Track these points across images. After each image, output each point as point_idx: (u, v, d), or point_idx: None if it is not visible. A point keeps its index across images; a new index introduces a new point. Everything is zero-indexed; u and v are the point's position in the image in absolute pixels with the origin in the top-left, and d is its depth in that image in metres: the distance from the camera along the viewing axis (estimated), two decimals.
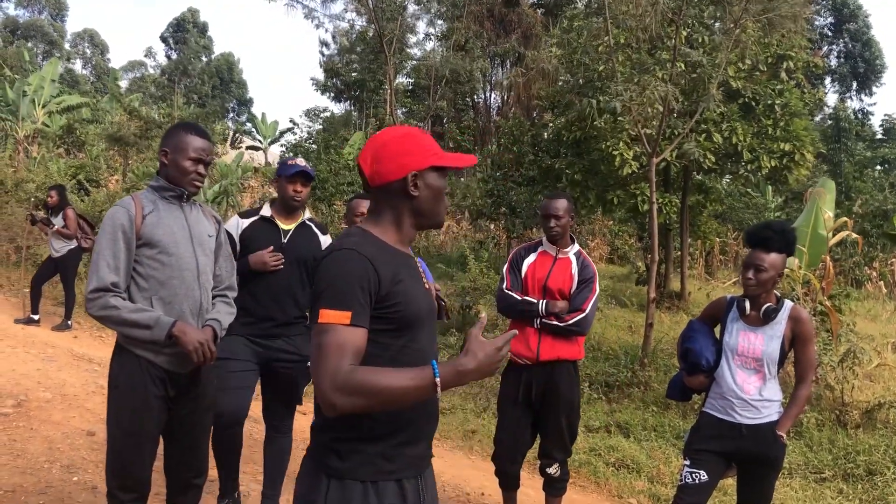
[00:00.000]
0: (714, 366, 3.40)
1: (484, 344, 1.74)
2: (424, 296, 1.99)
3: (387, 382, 1.72)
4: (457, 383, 1.75)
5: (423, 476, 2.00)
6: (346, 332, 1.77)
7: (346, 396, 1.72)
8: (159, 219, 2.94)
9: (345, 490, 1.85)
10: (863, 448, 5.60)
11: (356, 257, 1.83)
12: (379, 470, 1.88)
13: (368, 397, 1.73)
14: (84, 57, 52.67)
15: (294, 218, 3.96)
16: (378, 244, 1.91)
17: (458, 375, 1.73)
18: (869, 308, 14.03)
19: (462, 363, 1.73)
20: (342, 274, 1.82)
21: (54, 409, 5.86)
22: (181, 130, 3.03)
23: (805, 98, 11.23)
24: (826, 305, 7.27)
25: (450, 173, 23.65)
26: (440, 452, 5.70)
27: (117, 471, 2.92)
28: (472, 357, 1.73)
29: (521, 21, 27.47)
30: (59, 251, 8.93)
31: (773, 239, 3.25)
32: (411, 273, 1.96)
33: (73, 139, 20.52)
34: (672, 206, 11.43)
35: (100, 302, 2.80)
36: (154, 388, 2.90)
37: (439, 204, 1.99)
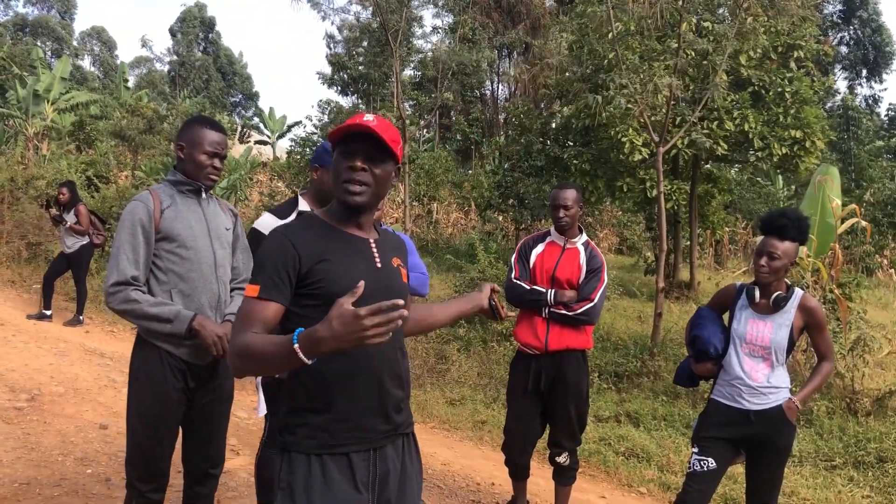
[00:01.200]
0: (722, 353, 3.40)
1: (344, 311, 1.63)
2: (366, 273, 1.96)
3: (255, 346, 1.80)
4: (315, 351, 1.68)
5: (380, 451, 2.01)
6: (254, 303, 1.91)
7: (236, 358, 1.85)
8: (177, 213, 2.97)
9: (291, 462, 1.94)
10: (873, 436, 5.58)
11: (278, 237, 1.97)
12: (322, 444, 1.94)
13: (244, 360, 1.83)
14: (92, 54, 52.83)
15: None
16: (316, 225, 2.04)
17: (313, 342, 1.67)
18: (880, 296, 13.97)
19: (317, 329, 1.67)
20: (262, 252, 1.98)
21: (67, 402, 5.91)
22: (196, 124, 3.05)
23: (815, 86, 11.17)
24: (835, 293, 7.25)
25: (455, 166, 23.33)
26: (450, 443, 5.72)
27: (137, 462, 2.96)
28: (327, 324, 1.65)
29: (529, 12, 27.39)
30: (71, 247, 8.99)
31: (788, 227, 3.23)
32: (350, 252, 2.02)
33: (83, 136, 20.60)
34: (681, 194, 11.39)
35: (120, 296, 2.84)
36: (174, 379, 2.93)
37: (336, 177, 2.01)
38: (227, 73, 51.08)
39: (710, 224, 14.06)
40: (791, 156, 10.79)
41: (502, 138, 21.27)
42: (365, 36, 28.78)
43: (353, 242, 2.05)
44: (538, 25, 26.76)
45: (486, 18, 26.64)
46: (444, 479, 4.95)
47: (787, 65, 11.01)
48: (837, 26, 37.12)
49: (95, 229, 9.16)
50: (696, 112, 8.36)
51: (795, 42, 10.88)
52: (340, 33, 31.68)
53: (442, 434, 5.95)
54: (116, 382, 6.62)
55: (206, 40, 51.88)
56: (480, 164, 25.01)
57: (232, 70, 51.85)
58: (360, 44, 30.28)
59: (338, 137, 2.01)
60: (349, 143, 1.99)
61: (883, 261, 17.30)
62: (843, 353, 6.57)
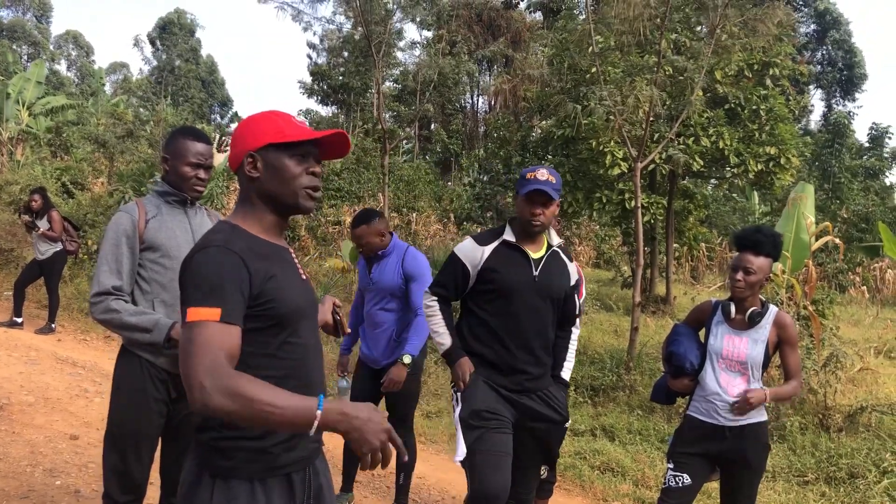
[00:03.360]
0: (698, 369, 3.43)
1: (383, 419, 1.67)
2: (302, 288, 1.93)
3: (267, 398, 1.60)
4: (334, 426, 1.63)
5: (313, 466, 1.97)
6: (218, 329, 1.67)
7: (223, 398, 1.59)
8: (162, 223, 3.00)
9: (230, 490, 1.79)
10: (845, 451, 5.64)
11: (226, 254, 1.75)
12: (266, 467, 1.83)
13: (244, 407, 1.59)
14: (69, 59, 52.32)
15: (539, 243, 3.39)
16: (247, 238, 1.84)
17: (344, 418, 1.63)
18: (852, 313, 14.15)
19: (351, 409, 1.64)
20: (212, 271, 1.72)
21: (37, 412, 5.81)
22: (181, 136, 3.07)
23: (790, 105, 11.35)
24: (809, 310, 7.33)
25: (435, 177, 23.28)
26: (426, 456, 5.70)
27: (115, 473, 2.95)
28: (363, 415, 1.63)
29: (509, 26, 27.58)
30: (44, 254, 8.87)
31: (764, 242, 3.28)
32: (285, 266, 1.90)
33: (59, 142, 20.38)
34: (658, 208, 11.49)
35: (101, 306, 2.87)
36: (154, 390, 2.94)
37: (285, 184, 1.86)
38: (206, 82, 50.80)
39: (687, 240, 14.20)
40: (766, 172, 10.96)
41: (482, 151, 21.36)
42: (347, 46, 28.81)
43: (282, 254, 1.93)
44: (519, 39, 26.95)
45: (468, 31, 26.78)
46: (419, 492, 4.93)
47: (762, 82, 11.19)
48: (811, 46, 37.76)
49: (69, 236, 9.06)
50: (674, 128, 8.45)
51: (771, 60, 11.07)
52: (322, 43, 31.69)
53: (418, 447, 5.89)
54: (88, 392, 6.52)
55: (187, 47, 51.58)
56: (460, 175, 25.08)
57: (212, 79, 51.59)
58: (341, 54, 30.30)
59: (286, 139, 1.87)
60: (304, 146, 1.88)
61: (856, 278, 17.53)
62: (816, 369, 6.64)
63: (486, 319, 3.26)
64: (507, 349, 3.23)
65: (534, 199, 3.19)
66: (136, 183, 12.52)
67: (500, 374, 3.24)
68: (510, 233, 3.30)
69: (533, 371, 3.28)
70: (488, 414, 3.17)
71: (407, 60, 29.62)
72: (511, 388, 3.24)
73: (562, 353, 3.46)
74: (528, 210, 3.21)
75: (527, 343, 3.24)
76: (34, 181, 13.54)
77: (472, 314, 3.33)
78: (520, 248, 3.26)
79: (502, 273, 3.22)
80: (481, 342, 3.27)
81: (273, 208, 1.91)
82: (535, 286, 3.23)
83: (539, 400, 3.30)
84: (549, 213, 3.23)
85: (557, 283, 3.32)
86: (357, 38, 25.33)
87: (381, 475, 5.13)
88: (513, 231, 3.30)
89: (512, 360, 3.23)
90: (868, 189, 23.18)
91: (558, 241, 3.41)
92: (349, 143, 1.97)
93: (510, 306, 3.22)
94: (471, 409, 3.19)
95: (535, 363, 3.29)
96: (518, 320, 3.22)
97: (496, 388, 3.23)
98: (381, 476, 5.12)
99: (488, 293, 3.25)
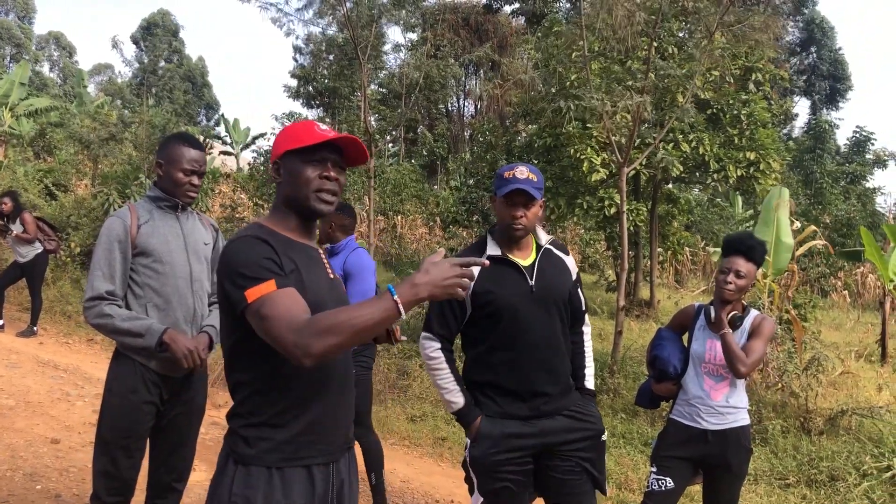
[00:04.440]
0: (681, 373, 3.45)
1: (440, 261, 1.76)
2: (328, 285, 2.04)
3: (352, 314, 1.72)
4: (413, 298, 1.73)
5: (336, 464, 2.01)
6: (279, 294, 1.79)
7: (319, 340, 1.70)
8: (154, 228, 3.04)
9: (250, 476, 1.87)
10: (826, 454, 5.69)
11: (258, 241, 1.89)
12: (285, 457, 1.90)
13: (339, 333, 1.70)
14: (51, 59, 51.91)
15: (527, 247, 3.02)
16: (273, 235, 1.96)
17: (412, 288, 1.73)
18: (834, 317, 14.29)
19: (415, 276, 1.74)
20: (251, 255, 1.86)
21: (17, 416, 5.76)
22: (175, 142, 3.12)
23: (772, 109, 11.45)
24: (791, 314, 7.40)
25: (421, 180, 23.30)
26: (410, 459, 5.70)
27: (105, 473, 2.99)
28: (423, 272, 1.74)
29: (496, 30, 27.67)
30: (26, 256, 8.79)
31: (757, 250, 3.35)
32: (310, 263, 2.00)
33: (42, 143, 20.21)
34: (639, 214, 11.56)
35: (94, 311, 2.91)
36: (146, 392, 2.98)
37: (299, 188, 1.98)
38: (196, 84, 50.55)
39: (671, 244, 14.29)
40: (748, 177, 11.04)
41: (468, 154, 21.37)
42: (333, 49, 28.79)
43: (310, 253, 2.04)
44: (505, 44, 27.04)
45: (454, 36, 26.84)
46: (403, 496, 4.93)
47: (745, 87, 11.28)
48: (798, 54, 38.13)
49: (45, 235, 8.97)
50: (661, 134, 8.50)
51: (753, 65, 11.16)
52: (307, 46, 31.65)
53: (402, 450, 5.92)
54: (70, 395, 6.47)
55: (170, 48, 51.33)
56: (446, 179, 25.10)
57: (203, 82, 51.36)
58: (326, 57, 30.27)
59: (297, 145, 1.98)
60: (318, 152, 1.98)
61: (837, 282, 17.70)
62: (797, 372, 6.70)
63: (493, 345, 2.92)
64: (520, 373, 2.89)
65: (514, 199, 2.86)
66: (120, 185, 12.43)
67: (519, 401, 2.90)
68: (493, 245, 2.95)
69: (552, 391, 2.92)
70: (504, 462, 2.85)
71: (392, 64, 29.63)
72: (529, 415, 2.90)
73: (579, 359, 3.11)
74: (509, 213, 2.88)
75: (541, 361, 2.91)
76: (16, 182, 13.41)
77: (476, 342, 2.99)
78: (507, 260, 2.92)
79: (496, 293, 2.87)
80: (491, 369, 2.92)
81: (295, 211, 2.02)
82: (535, 296, 2.90)
83: (566, 418, 2.95)
84: (531, 214, 2.89)
85: (558, 285, 2.99)
86: (342, 42, 25.34)
87: (365, 479, 5.12)
88: (495, 241, 2.97)
89: (528, 383, 2.89)
90: (850, 193, 23.42)
91: (547, 237, 3.06)
92: (364, 149, 2.05)
93: (515, 326, 2.88)
94: (484, 451, 2.87)
95: (554, 381, 2.93)
96: (526, 339, 2.89)
97: (512, 423, 2.88)
98: (366, 480, 5.11)
99: (487, 318, 2.91)
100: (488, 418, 2.88)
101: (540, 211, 2.96)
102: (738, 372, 3.26)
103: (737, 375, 3.29)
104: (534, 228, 2.99)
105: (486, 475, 2.88)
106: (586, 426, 2.97)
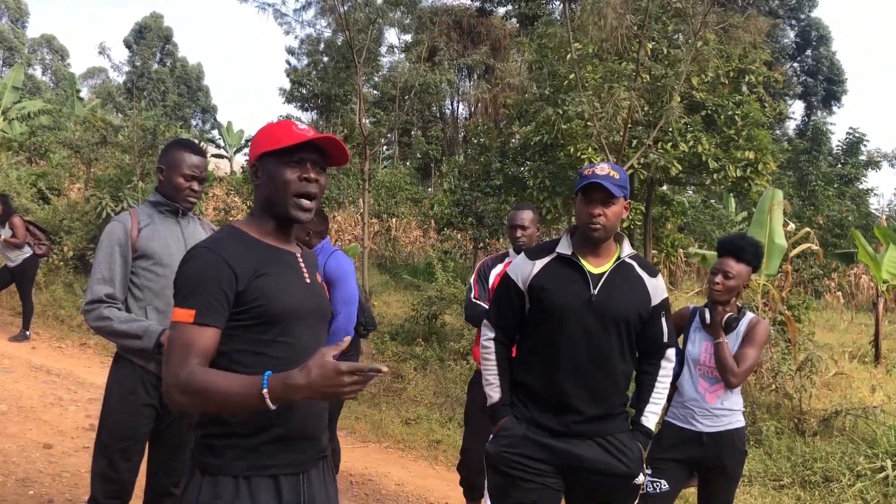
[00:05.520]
0: (676, 375, 3.45)
1: (326, 363, 1.63)
2: (304, 291, 1.98)
3: (217, 387, 1.70)
4: (286, 397, 1.66)
5: (307, 475, 1.96)
6: (190, 330, 1.78)
7: (184, 395, 1.74)
8: (155, 232, 3.08)
9: (216, 486, 1.84)
10: (820, 455, 5.70)
11: (208, 255, 1.85)
12: (251, 465, 1.86)
13: (202, 399, 1.73)
14: (43, 63, 51.75)
15: (606, 255, 2.79)
16: (244, 239, 1.93)
17: (286, 389, 1.65)
18: (828, 318, 14.33)
19: (293, 376, 1.65)
20: (193, 273, 1.84)
21: (10, 421, 5.73)
22: (176, 147, 3.16)
23: (766, 111, 11.49)
24: (784, 314, 7.41)
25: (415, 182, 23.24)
26: (405, 463, 5.69)
27: (103, 476, 3.01)
28: (305, 373, 1.63)
29: (489, 33, 27.70)
30: (15, 260, 8.73)
31: (746, 250, 3.35)
32: (284, 268, 1.96)
33: (35, 146, 20.16)
34: (636, 214, 11.57)
35: (94, 314, 2.94)
36: (145, 395, 3.01)
37: (276, 190, 1.92)
38: (191, 87, 50.46)
39: (665, 246, 14.30)
40: (744, 178, 11.08)
41: (462, 157, 21.40)
42: (330, 51, 28.78)
43: (284, 257, 1.99)
44: (499, 47, 27.07)
45: (448, 39, 26.85)
46: (397, 499, 4.92)
47: (738, 89, 11.32)
48: (792, 57, 38.26)
49: (36, 239, 8.91)
50: (653, 134, 8.52)
51: (746, 67, 11.21)
52: (300, 49, 31.62)
53: (397, 454, 5.91)
54: (63, 400, 6.44)
55: (163, 51, 51.24)
56: (440, 181, 25.11)
57: (197, 85, 51.28)
58: (320, 59, 30.25)
59: (274, 147, 1.92)
60: (297, 153, 1.92)
61: (831, 284, 17.75)
62: (791, 373, 6.71)
63: (536, 346, 2.77)
64: (554, 381, 2.69)
65: (591, 196, 2.65)
66: (113, 189, 12.39)
67: (548, 411, 2.70)
68: (567, 244, 2.77)
69: (587, 410, 2.67)
70: (518, 458, 2.70)
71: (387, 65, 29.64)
72: (558, 430, 2.68)
73: (645, 392, 2.85)
74: (586, 210, 2.67)
75: (580, 375, 2.67)
76: (9, 186, 13.36)
77: (523, 339, 2.86)
78: (575, 262, 2.72)
79: (551, 291, 2.70)
80: (529, 371, 2.77)
81: (272, 215, 1.97)
82: (592, 306, 2.66)
83: (598, 446, 2.68)
84: (611, 213, 2.66)
85: (625, 302, 2.71)
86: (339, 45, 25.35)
87: (359, 483, 5.11)
88: (571, 242, 2.77)
89: (560, 394, 2.68)
90: (843, 195, 23.50)
91: (631, 251, 2.80)
92: (344, 148, 1.99)
93: (561, 331, 2.68)
94: (499, 447, 2.76)
95: (592, 400, 2.68)
96: (569, 347, 2.67)
97: (540, 432, 2.70)
98: (360, 484, 5.10)
99: (537, 315, 2.75)
100: (516, 420, 2.75)
101: (624, 213, 2.75)
102: (730, 383, 3.28)
103: (729, 386, 3.30)
104: (615, 230, 2.74)
105: (500, 475, 2.75)
106: (617, 463, 2.68)
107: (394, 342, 8.99)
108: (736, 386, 3.31)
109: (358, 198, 17.98)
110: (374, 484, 5.10)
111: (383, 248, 18.46)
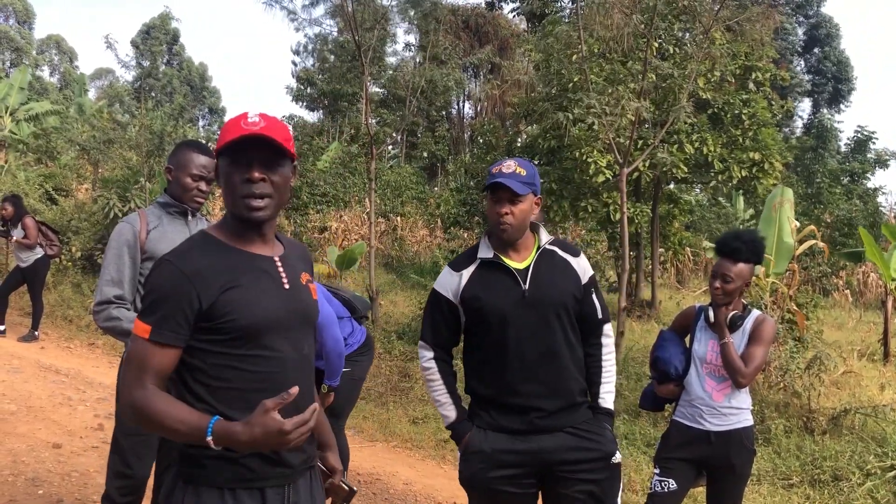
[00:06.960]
0: (683, 374, 3.44)
1: (269, 420, 1.61)
2: (279, 298, 1.87)
3: (165, 421, 1.69)
4: (227, 443, 1.66)
5: (294, 485, 1.91)
6: (145, 347, 1.74)
7: (134, 416, 1.74)
8: (163, 233, 3.10)
9: (200, 497, 1.80)
10: (829, 454, 5.67)
11: (170, 270, 1.76)
12: (236, 477, 1.80)
13: (150, 426, 1.73)
14: (51, 64, 51.92)
15: (526, 249, 2.76)
16: (214, 247, 1.83)
17: (230, 440, 1.65)
18: (836, 316, 14.26)
19: (236, 430, 1.64)
20: (155, 286, 1.78)
21: (19, 421, 5.76)
22: (185, 148, 3.20)
23: (773, 109, 11.45)
24: (794, 310, 7.38)
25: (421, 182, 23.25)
26: (412, 462, 5.69)
27: (119, 473, 3.09)
28: (248, 428, 1.62)
29: (496, 33, 27.70)
30: (27, 261, 8.80)
31: (742, 250, 3.29)
32: (257, 275, 1.84)
33: (44, 147, 20.25)
34: (644, 216, 11.55)
35: (103, 314, 2.98)
36: None
37: (227, 192, 1.81)
38: (195, 87, 50.55)
39: (672, 244, 14.26)
40: (750, 178, 11.05)
41: (468, 156, 21.39)
42: (337, 50, 28.81)
43: (258, 263, 1.86)
44: (505, 46, 27.07)
45: (455, 38, 26.86)
46: (405, 498, 4.92)
47: (745, 87, 11.28)
48: (801, 55, 38.12)
49: (48, 240, 8.97)
50: (660, 134, 8.50)
51: (753, 64, 11.17)
52: (307, 49, 31.67)
53: (404, 453, 5.91)
54: (72, 400, 6.47)
55: (170, 52, 51.36)
56: (446, 181, 25.11)
57: (202, 85, 51.37)
58: (327, 59, 30.29)
59: (224, 146, 1.80)
60: (239, 152, 1.78)
61: (839, 282, 17.66)
62: (799, 372, 6.69)
63: (483, 354, 2.74)
64: (508, 384, 2.67)
65: (498, 195, 2.63)
66: (120, 189, 12.44)
67: (510, 413, 2.68)
68: (486, 247, 2.74)
69: (547, 406, 2.66)
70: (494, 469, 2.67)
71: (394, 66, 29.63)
72: (524, 429, 2.67)
73: (594, 374, 2.81)
74: (493, 210, 2.66)
75: (532, 373, 2.66)
76: (17, 187, 13.42)
77: (471, 350, 2.82)
78: (499, 263, 2.70)
79: (484, 298, 2.67)
80: (483, 380, 2.74)
81: (233, 216, 1.87)
82: (526, 302, 2.65)
83: (568, 436, 2.68)
84: (518, 211, 2.63)
85: (557, 289, 2.70)
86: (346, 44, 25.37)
87: (367, 482, 5.12)
88: (490, 244, 2.75)
89: (516, 395, 2.66)
90: (851, 193, 23.39)
91: (548, 237, 2.78)
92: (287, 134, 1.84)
93: (503, 333, 2.66)
94: (473, 468, 2.72)
95: (550, 395, 2.67)
96: (515, 348, 2.65)
97: (507, 437, 2.68)
98: (368, 483, 5.11)
99: (476, 324, 2.73)
100: (479, 431, 2.71)
101: (535, 209, 2.72)
102: (739, 384, 3.27)
103: (738, 386, 3.29)
104: (525, 228, 2.71)
105: (479, 494, 2.76)
106: (592, 446, 2.69)
107: (400, 341, 8.99)
108: (745, 386, 3.30)
109: (364, 197, 17.99)
110: (382, 483, 5.11)
111: (390, 247, 18.46)
